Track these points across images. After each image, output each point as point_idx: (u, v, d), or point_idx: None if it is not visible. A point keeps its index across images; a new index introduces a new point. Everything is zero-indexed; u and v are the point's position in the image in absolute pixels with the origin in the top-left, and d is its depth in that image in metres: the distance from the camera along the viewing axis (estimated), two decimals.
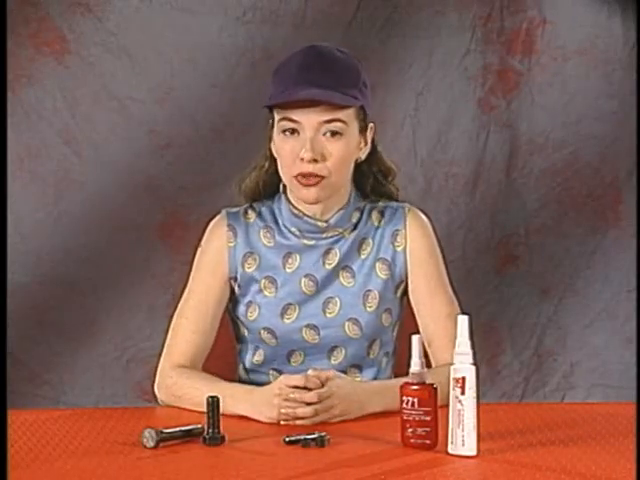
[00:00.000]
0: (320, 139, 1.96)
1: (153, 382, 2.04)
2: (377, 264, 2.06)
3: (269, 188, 2.11)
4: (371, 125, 2.06)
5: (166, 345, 2.06)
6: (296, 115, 1.96)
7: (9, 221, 2.88)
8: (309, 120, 1.96)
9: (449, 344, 1.94)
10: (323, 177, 1.97)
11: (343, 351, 2.05)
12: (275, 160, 2.07)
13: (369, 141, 2.06)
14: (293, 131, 1.98)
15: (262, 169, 2.11)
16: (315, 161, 1.95)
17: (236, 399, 1.86)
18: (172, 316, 2.09)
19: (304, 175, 1.96)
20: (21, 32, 3.00)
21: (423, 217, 2.10)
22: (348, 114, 1.98)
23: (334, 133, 1.97)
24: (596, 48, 3.15)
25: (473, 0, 3.15)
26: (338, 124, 1.97)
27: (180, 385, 1.97)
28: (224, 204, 2.14)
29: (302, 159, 1.96)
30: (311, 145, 1.95)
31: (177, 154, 3.10)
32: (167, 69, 3.08)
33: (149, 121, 3.08)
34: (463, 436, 1.58)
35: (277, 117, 2.00)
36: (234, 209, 2.11)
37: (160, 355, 2.06)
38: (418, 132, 3.17)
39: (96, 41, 3.05)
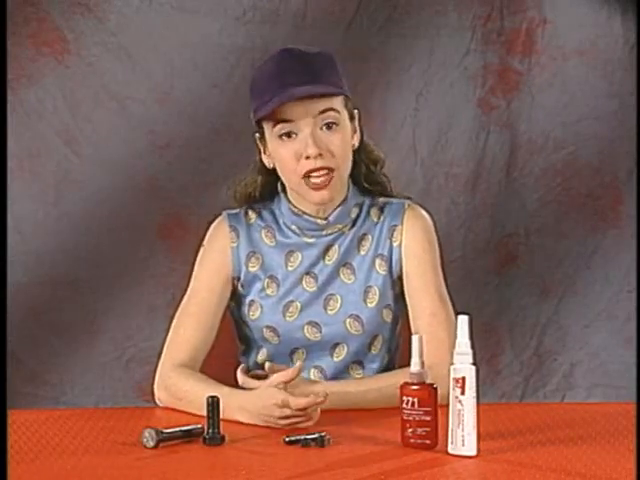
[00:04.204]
0: (319, 134, 1.96)
1: (153, 382, 2.03)
2: (377, 260, 2.06)
3: (265, 195, 2.12)
4: (356, 111, 2.07)
5: (167, 343, 2.06)
6: (290, 115, 1.96)
7: (9, 221, 2.88)
8: (305, 118, 1.95)
9: (430, 342, 1.91)
10: (332, 170, 1.97)
11: (345, 348, 2.05)
12: (268, 172, 2.07)
13: (357, 128, 2.07)
14: (289, 134, 1.97)
15: (255, 182, 2.12)
16: (321, 156, 1.95)
17: (233, 408, 1.82)
18: (172, 316, 2.09)
19: (314, 171, 1.95)
20: (21, 32, 3.00)
21: (423, 214, 2.10)
22: (338, 103, 1.99)
23: (329, 126, 1.97)
24: (596, 48, 3.15)
25: (473, 0, 3.15)
26: (332, 113, 1.97)
27: (179, 387, 1.96)
28: (224, 204, 2.14)
29: (307, 157, 1.95)
30: (313, 140, 1.95)
31: (177, 154, 3.09)
32: (167, 69, 3.08)
33: (149, 121, 3.08)
34: (463, 436, 1.58)
35: (269, 125, 1.99)
36: (234, 210, 2.12)
37: (160, 355, 2.06)
38: (418, 132, 3.17)
39: (96, 41, 3.05)
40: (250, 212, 2.11)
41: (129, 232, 3.09)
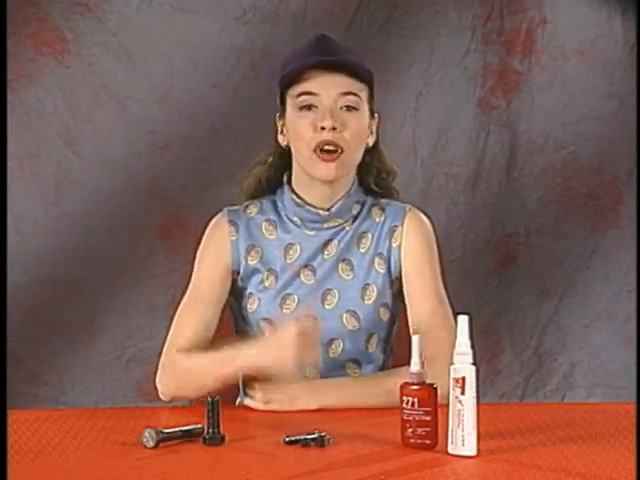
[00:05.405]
0: (338, 111, 2.00)
1: (153, 382, 2.03)
2: (376, 259, 2.07)
3: (272, 183, 2.13)
4: (376, 114, 2.10)
5: (168, 337, 2.05)
6: (314, 87, 2.00)
7: (9, 221, 2.89)
8: (327, 91, 1.99)
9: (429, 342, 1.88)
10: (342, 150, 2.00)
11: (341, 344, 2.06)
12: (280, 154, 2.09)
13: (374, 130, 2.10)
14: (310, 107, 2.01)
15: (265, 164, 2.15)
16: (334, 130, 1.98)
17: (248, 355, 1.88)
18: (173, 316, 2.08)
19: (326, 143, 1.98)
20: (21, 32, 3.00)
21: (423, 217, 2.12)
22: (362, 92, 2.03)
23: (349, 108, 2.01)
24: (596, 48, 3.16)
25: (473, 0, 3.15)
26: (354, 98, 2.01)
27: (183, 366, 1.97)
28: (224, 204, 2.14)
29: (323, 128, 1.98)
30: (331, 114, 1.99)
31: (177, 154, 3.10)
32: (167, 69, 3.08)
33: (149, 121, 3.08)
34: (463, 436, 1.58)
35: (293, 95, 2.02)
36: (235, 207, 2.13)
37: (160, 355, 2.05)
38: (418, 132, 3.17)
39: (96, 41, 3.05)
40: (251, 206, 2.13)
41: (129, 232, 3.09)
